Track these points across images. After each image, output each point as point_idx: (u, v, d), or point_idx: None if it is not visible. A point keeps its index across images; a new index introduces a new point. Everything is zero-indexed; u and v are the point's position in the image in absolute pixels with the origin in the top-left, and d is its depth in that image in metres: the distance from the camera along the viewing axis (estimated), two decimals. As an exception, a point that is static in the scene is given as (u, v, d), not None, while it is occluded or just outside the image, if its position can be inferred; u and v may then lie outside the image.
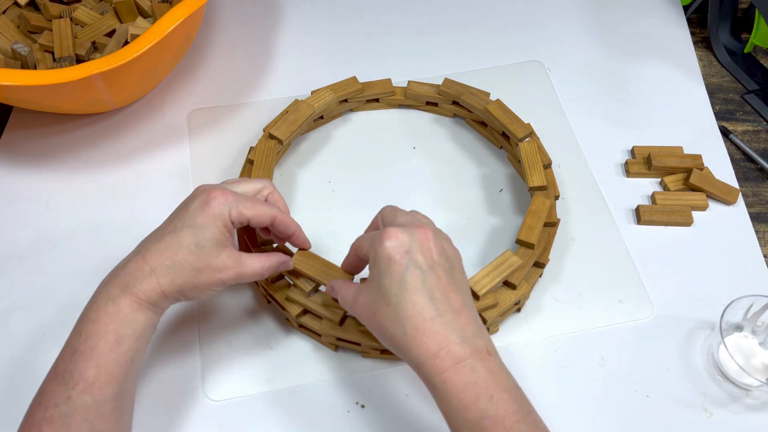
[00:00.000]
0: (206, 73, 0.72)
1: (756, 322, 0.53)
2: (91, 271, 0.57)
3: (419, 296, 0.39)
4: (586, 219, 0.61)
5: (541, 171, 0.57)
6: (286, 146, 0.62)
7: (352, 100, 0.66)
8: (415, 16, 0.78)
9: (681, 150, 0.64)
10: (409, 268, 0.39)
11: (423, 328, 0.38)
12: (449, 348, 0.38)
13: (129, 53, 0.55)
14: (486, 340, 0.40)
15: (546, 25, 0.77)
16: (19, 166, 0.64)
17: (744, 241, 0.60)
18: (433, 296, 0.39)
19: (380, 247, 0.40)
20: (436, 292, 0.39)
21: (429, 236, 0.41)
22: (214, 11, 0.78)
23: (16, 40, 0.66)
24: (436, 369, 0.38)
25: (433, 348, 0.38)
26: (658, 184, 0.63)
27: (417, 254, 0.40)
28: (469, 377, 0.38)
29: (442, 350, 0.38)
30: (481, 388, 0.38)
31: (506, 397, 0.38)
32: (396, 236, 0.40)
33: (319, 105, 0.62)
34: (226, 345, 0.53)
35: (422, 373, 0.39)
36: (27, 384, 0.51)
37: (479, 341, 0.39)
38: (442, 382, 0.38)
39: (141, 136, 0.66)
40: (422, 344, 0.38)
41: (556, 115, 0.68)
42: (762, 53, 0.76)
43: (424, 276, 0.40)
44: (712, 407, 0.51)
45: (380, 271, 0.40)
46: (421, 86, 0.66)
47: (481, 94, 0.64)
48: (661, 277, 0.57)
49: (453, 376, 0.38)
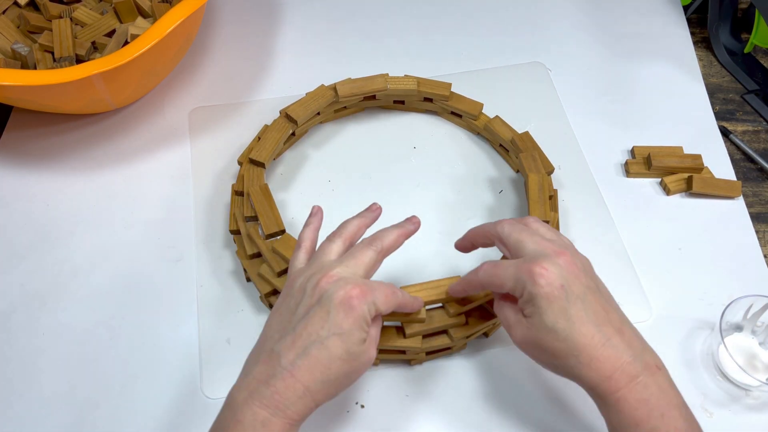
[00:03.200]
0: (206, 73, 0.72)
1: (756, 322, 0.53)
2: (92, 271, 0.57)
3: (587, 326, 0.40)
4: (585, 219, 0.61)
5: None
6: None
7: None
8: (416, 17, 0.78)
9: (681, 150, 0.64)
10: (570, 301, 0.40)
11: (596, 356, 0.39)
12: (622, 368, 0.39)
13: (129, 53, 0.55)
14: (652, 353, 0.41)
15: (547, 27, 0.77)
16: (19, 166, 0.64)
17: (744, 241, 0.60)
18: (597, 322, 0.40)
19: (535, 287, 0.40)
20: (598, 317, 0.40)
21: (573, 262, 0.41)
22: (214, 11, 0.78)
23: (16, 40, 0.66)
24: (611, 389, 0.39)
25: (607, 371, 0.39)
26: (658, 185, 0.63)
27: (572, 286, 0.40)
28: (641, 394, 0.39)
29: (615, 372, 0.39)
30: (653, 406, 0.39)
31: (676, 415, 0.39)
32: (547, 273, 0.40)
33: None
34: (224, 343, 0.53)
35: (595, 393, 0.40)
36: (27, 384, 0.51)
37: (648, 357, 0.40)
38: (615, 400, 0.39)
39: (141, 136, 0.66)
40: (596, 369, 0.39)
41: (556, 116, 0.68)
42: (762, 53, 0.76)
43: (584, 305, 0.40)
44: (712, 407, 0.51)
45: (540, 309, 0.40)
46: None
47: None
48: (660, 276, 0.57)
49: (627, 395, 0.39)
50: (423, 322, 0.48)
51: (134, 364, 0.52)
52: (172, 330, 0.54)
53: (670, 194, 0.62)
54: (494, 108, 0.66)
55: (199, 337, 0.54)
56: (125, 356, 0.53)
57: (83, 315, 0.55)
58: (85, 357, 0.53)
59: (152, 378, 0.52)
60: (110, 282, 0.57)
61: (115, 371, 0.52)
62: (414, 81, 0.64)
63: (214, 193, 0.62)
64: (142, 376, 0.52)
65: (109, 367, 0.52)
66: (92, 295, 0.56)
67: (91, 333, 0.54)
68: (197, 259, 0.58)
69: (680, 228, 0.60)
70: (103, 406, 0.50)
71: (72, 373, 0.52)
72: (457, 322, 0.49)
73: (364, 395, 0.51)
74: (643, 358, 0.40)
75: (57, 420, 0.50)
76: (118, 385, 0.51)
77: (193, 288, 0.56)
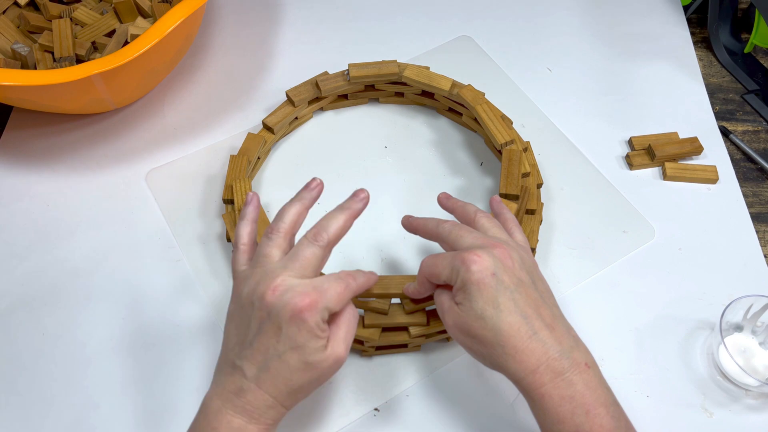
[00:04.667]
0: (206, 74, 0.72)
1: (756, 322, 0.53)
2: (92, 271, 0.57)
3: (514, 317, 0.40)
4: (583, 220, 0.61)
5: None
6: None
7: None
8: (417, 18, 0.78)
9: (677, 135, 0.65)
10: (500, 290, 0.40)
11: (521, 347, 0.39)
12: (548, 363, 0.39)
13: (129, 53, 0.55)
14: (584, 351, 0.41)
15: (547, 27, 0.77)
16: (19, 166, 0.64)
17: (744, 241, 0.60)
18: (525, 314, 0.40)
19: (467, 273, 0.41)
20: (527, 309, 0.41)
21: (508, 254, 0.42)
22: (214, 11, 0.78)
23: (16, 40, 0.66)
24: (535, 384, 0.39)
25: (532, 365, 0.39)
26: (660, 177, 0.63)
27: (503, 275, 0.41)
28: (566, 391, 0.39)
29: (540, 366, 0.39)
30: (577, 403, 0.38)
31: (602, 413, 0.39)
32: (480, 260, 0.41)
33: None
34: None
35: (521, 387, 0.40)
36: (27, 384, 0.51)
37: (576, 354, 0.40)
38: (540, 396, 0.39)
39: (141, 136, 0.66)
40: (521, 362, 0.39)
41: (557, 117, 0.68)
42: (762, 53, 0.76)
43: (513, 296, 0.41)
44: (712, 407, 0.51)
45: (471, 296, 0.41)
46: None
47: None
48: (660, 276, 0.57)
49: (551, 390, 0.39)
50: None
51: (134, 365, 0.52)
52: (173, 329, 0.54)
53: (667, 179, 0.63)
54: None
55: (202, 345, 0.53)
56: (125, 356, 0.53)
57: (83, 315, 0.55)
58: (85, 357, 0.53)
59: (152, 378, 0.52)
60: (110, 282, 0.57)
61: (115, 371, 0.52)
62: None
63: (213, 193, 0.62)
64: (143, 376, 0.52)
65: (109, 367, 0.52)
66: (92, 295, 0.56)
67: (91, 333, 0.54)
68: (197, 258, 0.58)
69: (680, 228, 0.60)
70: (103, 406, 0.50)
71: (72, 373, 0.52)
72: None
73: (365, 395, 0.51)
74: (571, 355, 0.40)
75: (57, 420, 0.50)
76: (118, 385, 0.51)
77: (193, 287, 0.56)
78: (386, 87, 0.67)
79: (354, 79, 0.64)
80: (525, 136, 0.65)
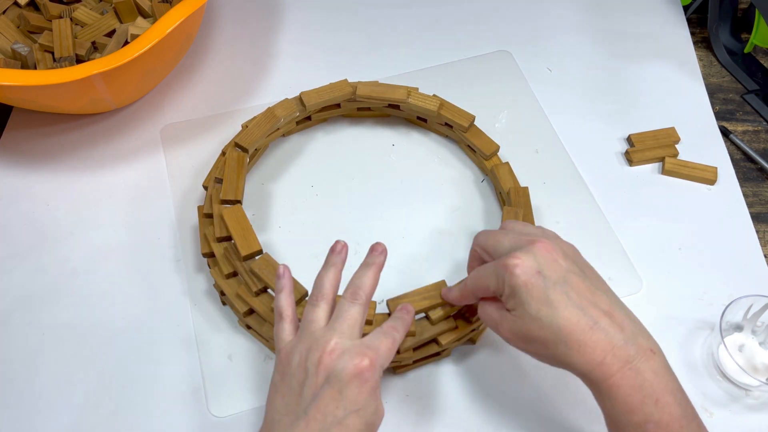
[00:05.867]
0: (206, 74, 0.72)
1: (756, 322, 0.53)
2: (92, 271, 0.57)
3: (570, 311, 0.39)
4: (581, 219, 0.61)
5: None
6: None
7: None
8: (416, 17, 0.78)
9: (674, 131, 0.66)
10: (549, 287, 0.40)
11: (584, 341, 0.39)
12: (614, 352, 0.38)
13: (129, 53, 0.55)
14: (647, 336, 0.40)
15: (547, 27, 0.77)
16: (19, 166, 0.64)
17: (744, 241, 0.60)
18: (581, 305, 0.39)
19: (512, 277, 0.40)
20: (582, 300, 0.40)
21: (548, 247, 0.41)
22: (214, 11, 0.78)
23: (16, 40, 0.66)
24: (603, 375, 0.38)
25: (598, 356, 0.38)
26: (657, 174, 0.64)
27: (548, 271, 0.40)
28: (635, 380, 0.38)
29: (607, 356, 0.38)
30: (646, 392, 0.38)
31: (671, 401, 0.38)
32: (521, 262, 0.40)
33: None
34: (225, 360, 0.52)
35: (588, 381, 0.40)
36: (27, 384, 0.51)
37: (641, 339, 0.39)
38: (608, 387, 0.38)
39: (141, 136, 0.66)
40: (586, 355, 0.39)
41: (557, 117, 0.68)
42: (762, 53, 0.76)
43: (564, 289, 0.40)
44: (712, 407, 0.51)
45: (522, 299, 0.40)
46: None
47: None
48: (660, 276, 0.57)
49: (619, 381, 0.38)
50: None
51: (134, 365, 0.52)
52: (173, 330, 0.54)
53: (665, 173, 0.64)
54: (491, 109, 0.66)
55: (199, 356, 0.53)
56: (125, 356, 0.53)
57: (83, 315, 0.55)
58: (85, 357, 0.53)
59: (153, 378, 0.52)
60: (110, 282, 0.57)
61: (115, 371, 0.52)
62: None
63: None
64: (143, 376, 0.52)
65: (109, 367, 0.52)
66: (92, 295, 0.56)
67: (91, 333, 0.54)
68: (197, 257, 0.58)
69: (680, 228, 0.60)
70: (103, 406, 0.50)
71: (72, 373, 0.52)
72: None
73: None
74: (636, 341, 0.39)
75: (57, 420, 0.50)
76: (118, 385, 0.51)
77: (194, 286, 0.56)
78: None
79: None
80: (536, 162, 0.64)
